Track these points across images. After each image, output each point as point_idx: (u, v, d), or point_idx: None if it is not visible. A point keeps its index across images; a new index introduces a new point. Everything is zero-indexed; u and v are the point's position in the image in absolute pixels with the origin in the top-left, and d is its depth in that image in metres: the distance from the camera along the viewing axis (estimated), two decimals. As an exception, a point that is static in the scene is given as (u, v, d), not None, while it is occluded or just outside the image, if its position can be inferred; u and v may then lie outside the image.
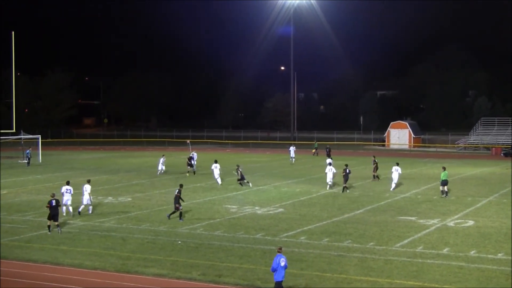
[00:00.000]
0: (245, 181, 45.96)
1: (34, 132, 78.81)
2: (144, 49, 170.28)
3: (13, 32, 69.30)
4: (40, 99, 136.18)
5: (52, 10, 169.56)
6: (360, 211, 34.97)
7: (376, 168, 49.53)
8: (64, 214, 33.27)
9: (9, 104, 73.70)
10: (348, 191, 42.60)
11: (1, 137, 72.44)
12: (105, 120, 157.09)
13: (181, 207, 32.21)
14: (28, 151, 64.95)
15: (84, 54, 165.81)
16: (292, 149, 67.53)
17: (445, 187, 40.33)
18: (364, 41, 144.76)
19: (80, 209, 34.30)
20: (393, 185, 44.14)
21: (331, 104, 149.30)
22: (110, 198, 39.88)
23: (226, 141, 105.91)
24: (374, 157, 51.45)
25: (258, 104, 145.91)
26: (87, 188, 34.29)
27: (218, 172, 47.17)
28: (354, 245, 26.30)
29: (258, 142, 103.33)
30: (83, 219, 32.47)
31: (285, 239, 27.59)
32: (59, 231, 29.24)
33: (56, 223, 29.46)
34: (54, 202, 29.22)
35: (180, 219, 31.98)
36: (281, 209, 35.66)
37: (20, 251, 25.46)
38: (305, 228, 29.94)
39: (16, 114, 71.60)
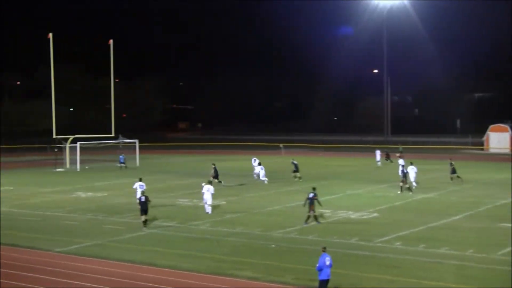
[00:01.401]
0: (217, 180, 48.31)
1: (132, 136, 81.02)
2: (237, 54, 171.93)
3: (111, 41, 71.59)
4: (136, 105, 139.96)
5: (149, 17, 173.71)
6: (458, 217, 33.99)
7: (453, 171, 48.60)
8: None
9: (108, 109, 76.10)
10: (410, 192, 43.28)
11: (101, 141, 74.90)
12: (199, 124, 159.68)
13: (313, 211, 32.01)
14: (121, 156, 66.72)
15: (179, 59, 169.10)
16: (378, 152, 66.96)
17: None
18: (460, 42, 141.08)
19: (209, 211, 35.58)
20: None
21: (426, 107, 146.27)
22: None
23: (318, 145, 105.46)
24: (451, 159, 50.87)
25: (351, 108, 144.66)
26: (210, 188, 35.69)
27: (263, 172, 51.49)
28: (452, 252, 25.56)
29: (350, 146, 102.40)
30: (178, 221, 33.01)
31: (380, 244, 27.17)
32: (145, 227, 31.01)
33: (145, 218, 31.41)
34: (143, 198, 31.92)
35: (317, 222, 31.88)
36: (375, 214, 35.17)
37: (119, 252, 26.17)
38: (400, 233, 29.38)
39: (114, 119, 73.85)
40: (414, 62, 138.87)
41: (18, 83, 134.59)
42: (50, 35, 66.20)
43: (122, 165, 65.81)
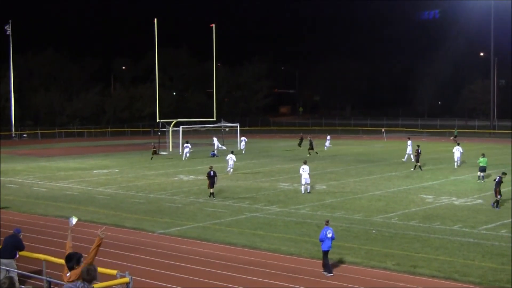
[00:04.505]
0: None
1: (233, 120, 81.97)
2: (338, 38, 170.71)
3: (213, 25, 72.63)
4: (238, 89, 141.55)
5: (249, 3, 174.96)
6: None
7: None
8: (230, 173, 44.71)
9: (211, 93, 77.43)
10: (421, 169, 47.63)
11: (203, 125, 76.28)
12: (300, 109, 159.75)
13: (500, 195, 32.01)
14: (216, 146, 66.02)
15: (280, 43, 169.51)
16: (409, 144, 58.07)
17: (482, 173, 41.43)
18: None
19: (304, 190, 37.23)
20: None
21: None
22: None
23: (421, 130, 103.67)
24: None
25: (456, 92, 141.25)
26: (305, 168, 37.00)
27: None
28: (561, 240, 24.60)
29: (457, 130, 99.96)
30: (279, 205, 33.27)
31: (484, 231, 26.50)
32: (213, 197, 35.61)
33: (212, 190, 35.80)
34: (212, 173, 35.81)
35: (496, 206, 31.87)
36: (479, 201, 34.30)
37: (221, 234, 26.58)
38: (505, 221, 28.50)
39: (216, 103, 75.02)
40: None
41: (124, 68, 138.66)
42: (155, 20, 67.67)
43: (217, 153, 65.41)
